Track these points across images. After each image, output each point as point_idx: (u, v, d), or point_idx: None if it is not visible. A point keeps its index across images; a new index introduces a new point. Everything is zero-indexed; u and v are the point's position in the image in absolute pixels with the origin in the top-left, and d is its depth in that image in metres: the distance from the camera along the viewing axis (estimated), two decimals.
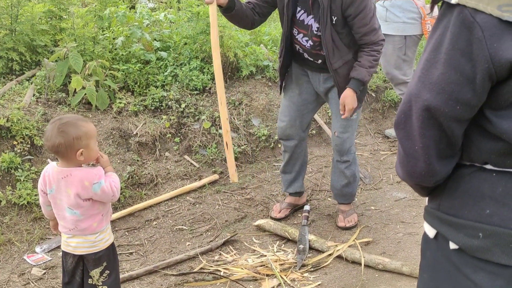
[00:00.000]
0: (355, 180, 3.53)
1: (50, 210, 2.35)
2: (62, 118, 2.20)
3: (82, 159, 2.18)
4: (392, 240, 3.41)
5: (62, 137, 2.13)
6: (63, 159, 2.21)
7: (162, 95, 4.45)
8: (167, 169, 4.11)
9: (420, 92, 1.16)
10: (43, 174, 2.28)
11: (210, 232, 3.54)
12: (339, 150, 3.41)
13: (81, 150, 2.16)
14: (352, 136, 3.39)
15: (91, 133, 2.21)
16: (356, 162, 3.51)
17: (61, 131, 2.14)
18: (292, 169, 3.64)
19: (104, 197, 2.24)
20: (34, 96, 4.20)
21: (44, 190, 2.28)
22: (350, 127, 3.34)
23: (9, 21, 4.49)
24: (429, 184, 1.26)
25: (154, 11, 5.61)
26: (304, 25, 3.13)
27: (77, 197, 2.19)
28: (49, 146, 2.19)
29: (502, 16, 1.06)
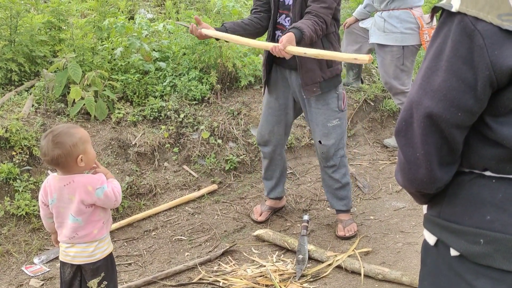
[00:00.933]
0: (347, 183, 3.52)
1: (51, 223, 2.34)
2: (54, 130, 2.22)
3: (83, 165, 2.20)
4: (392, 250, 3.40)
5: (59, 148, 2.15)
6: (64, 169, 2.22)
7: (161, 105, 4.45)
8: (166, 179, 4.10)
9: (422, 100, 1.17)
10: (43, 186, 2.28)
11: (209, 243, 3.53)
12: (325, 158, 3.43)
13: (81, 156, 2.18)
14: (338, 142, 3.38)
15: (85, 138, 2.24)
16: (344, 165, 3.49)
17: (56, 142, 2.15)
18: (273, 175, 3.69)
19: (107, 202, 2.26)
20: (33, 107, 4.20)
21: (45, 202, 2.28)
22: (333, 133, 3.34)
23: (9, 32, 4.50)
24: (430, 191, 1.27)
25: (153, 22, 5.63)
26: (286, 6, 3.22)
27: (81, 203, 2.20)
28: (48, 160, 2.19)
29: (502, 25, 1.08)
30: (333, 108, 3.30)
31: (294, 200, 4.05)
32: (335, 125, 3.33)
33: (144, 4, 6.99)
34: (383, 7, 4.49)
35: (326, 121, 3.31)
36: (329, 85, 3.27)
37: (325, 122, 3.31)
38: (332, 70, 3.25)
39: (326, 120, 3.31)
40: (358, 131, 5.13)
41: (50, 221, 2.35)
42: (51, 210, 2.28)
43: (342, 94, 3.33)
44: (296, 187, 4.23)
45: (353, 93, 5.30)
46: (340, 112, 3.33)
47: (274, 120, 3.49)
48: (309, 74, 3.19)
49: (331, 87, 3.28)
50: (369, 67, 5.87)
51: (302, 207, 3.96)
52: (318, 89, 3.23)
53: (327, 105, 3.30)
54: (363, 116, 5.23)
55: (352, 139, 5.03)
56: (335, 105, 3.30)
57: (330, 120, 3.31)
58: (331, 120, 3.31)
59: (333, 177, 3.48)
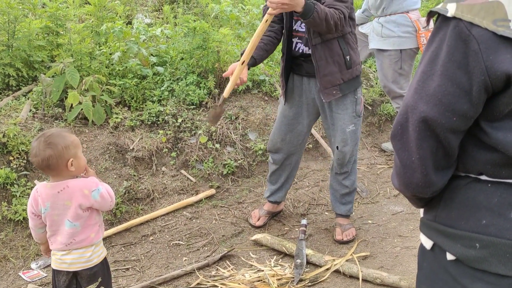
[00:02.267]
0: (355, 190, 3.56)
1: (42, 233, 2.31)
2: (46, 132, 2.20)
3: (73, 169, 2.17)
4: (390, 254, 3.40)
5: (51, 149, 2.13)
6: (54, 172, 2.19)
7: (158, 110, 4.46)
8: (163, 184, 4.09)
9: (417, 104, 1.17)
10: (33, 196, 2.23)
11: (207, 247, 3.53)
12: (341, 164, 3.42)
13: (71, 159, 2.16)
14: (353, 148, 3.38)
15: (77, 142, 2.22)
16: (355, 172, 3.51)
17: (48, 143, 2.13)
18: (278, 180, 3.68)
19: (103, 204, 2.25)
20: (31, 112, 4.20)
21: (36, 212, 2.24)
22: (349, 139, 3.33)
23: (6, 37, 4.50)
24: (425, 195, 1.27)
25: (151, 27, 5.64)
26: None
27: (78, 207, 2.19)
28: (38, 162, 2.15)
29: (497, 30, 1.08)
30: (350, 113, 3.27)
31: (292, 204, 4.04)
32: (352, 130, 3.31)
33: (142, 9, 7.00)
34: (379, 13, 4.52)
35: (345, 126, 3.29)
36: (349, 87, 3.23)
37: (344, 128, 3.29)
38: (352, 72, 3.21)
39: (345, 126, 3.29)
40: None
41: (41, 231, 2.31)
42: (44, 219, 2.24)
43: (360, 99, 3.30)
44: (294, 192, 4.23)
45: None
46: (357, 117, 3.31)
47: (286, 128, 3.47)
48: (327, 78, 3.16)
49: (351, 89, 3.24)
50: (366, 72, 5.88)
51: (300, 212, 3.96)
52: (338, 92, 3.19)
53: (346, 109, 3.27)
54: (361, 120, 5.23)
55: None
56: (353, 110, 3.27)
57: (348, 126, 3.29)
58: (348, 125, 3.29)
59: (343, 183, 3.49)
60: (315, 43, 3.12)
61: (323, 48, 3.12)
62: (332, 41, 3.12)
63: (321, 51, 3.12)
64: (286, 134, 3.48)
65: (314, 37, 3.10)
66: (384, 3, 4.45)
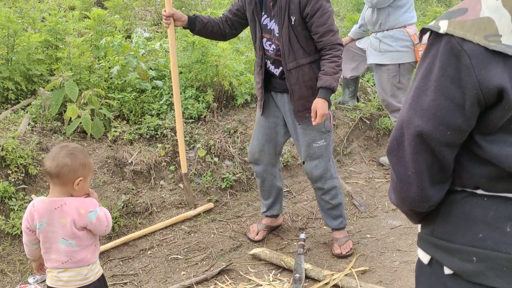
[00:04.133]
0: (339, 203, 3.52)
1: (36, 249, 2.28)
2: (71, 144, 2.24)
3: (77, 188, 2.17)
4: (389, 268, 3.39)
5: (71, 159, 2.14)
6: (59, 184, 2.17)
7: (157, 123, 4.46)
8: (162, 198, 4.09)
9: (412, 119, 1.20)
10: (29, 211, 2.21)
11: (205, 261, 3.51)
12: (310, 178, 3.45)
13: (80, 178, 2.16)
14: (322, 164, 3.36)
15: (91, 167, 2.25)
16: (334, 186, 3.46)
17: (71, 153, 2.15)
18: (269, 195, 3.69)
19: (98, 226, 2.23)
20: (29, 125, 4.20)
21: (31, 227, 2.22)
22: (317, 154, 3.33)
23: (6, 51, 4.52)
24: (422, 209, 1.28)
25: (150, 41, 5.66)
26: (268, 29, 3.22)
27: (73, 225, 2.17)
28: (51, 166, 2.13)
29: (488, 45, 1.11)
30: (319, 128, 3.28)
31: (291, 218, 4.04)
32: (321, 145, 3.32)
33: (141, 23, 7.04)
34: (376, 28, 4.56)
35: (311, 141, 3.30)
36: None
37: (311, 143, 3.31)
38: None
39: (312, 141, 3.30)
40: (354, 149, 5.14)
41: (34, 247, 2.28)
42: (38, 235, 2.22)
43: (329, 115, 3.29)
44: (292, 206, 4.22)
45: (349, 112, 5.33)
46: (326, 132, 3.32)
47: (264, 138, 3.49)
48: (301, 101, 3.21)
49: None
50: (364, 86, 5.91)
51: (298, 226, 3.95)
52: (310, 114, 3.22)
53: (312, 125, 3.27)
54: (359, 134, 5.25)
55: (348, 157, 5.04)
56: (322, 126, 3.28)
57: (315, 141, 3.30)
58: (316, 140, 3.30)
59: (323, 198, 3.50)
60: (290, 68, 3.18)
61: (297, 73, 3.18)
62: (306, 66, 3.18)
63: (295, 76, 3.19)
64: (264, 144, 3.51)
65: (288, 61, 3.17)
66: (380, 19, 4.49)
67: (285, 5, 3.06)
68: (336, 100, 5.45)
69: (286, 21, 3.08)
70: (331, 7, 3.09)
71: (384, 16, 4.47)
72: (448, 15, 1.18)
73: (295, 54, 3.14)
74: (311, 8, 3.01)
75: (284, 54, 3.15)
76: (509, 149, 1.15)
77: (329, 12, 3.05)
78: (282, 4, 3.06)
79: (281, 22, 3.10)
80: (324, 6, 3.03)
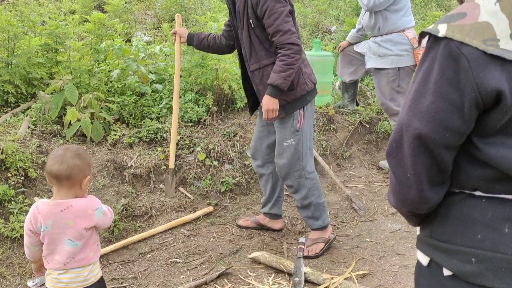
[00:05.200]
0: (309, 204, 3.50)
1: (37, 251, 2.27)
2: (71, 147, 2.27)
3: (83, 188, 2.20)
4: (388, 272, 3.39)
5: (79, 160, 2.16)
6: (67, 186, 2.17)
7: (157, 127, 4.47)
8: (161, 201, 4.09)
9: (411, 121, 1.21)
10: (32, 213, 2.20)
11: (204, 265, 3.51)
12: (280, 176, 3.53)
13: (88, 177, 2.21)
14: (291, 162, 3.40)
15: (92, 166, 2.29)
16: (304, 186, 3.46)
17: (78, 154, 2.18)
18: (266, 190, 3.80)
19: (105, 221, 2.26)
20: (29, 128, 4.20)
21: (34, 230, 2.20)
22: (285, 153, 3.39)
23: (6, 54, 4.53)
24: (421, 211, 1.29)
25: (150, 44, 5.68)
26: None
27: (81, 226, 2.18)
28: (62, 169, 2.13)
29: (487, 49, 1.13)
30: (287, 127, 3.35)
31: (290, 222, 4.04)
32: (290, 145, 3.37)
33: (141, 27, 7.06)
34: (375, 33, 4.57)
35: (282, 140, 3.39)
36: (294, 107, 3.31)
37: (281, 141, 3.39)
38: (296, 93, 3.28)
39: (282, 139, 3.39)
40: (354, 153, 5.14)
41: (36, 249, 2.27)
42: (42, 237, 2.21)
43: (298, 114, 3.33)
44: (292, 209, 4.22)
45: (348, 115, 5.33)
46: (295, 132, 3.36)
47: (257, 135, 3.66)
48: (261, 83, 3.31)
49: (296, 108, 3.32)
50: (364, 90, 5.92)
51: (298, 229, 3.95)
52: (282, 113, 3.28)
53: (284, 124, 3.36)
54: (358, 138, 5.25)
55: (347, 161, 5.05)
56: (290, 125, 3.34)
57: (285, 140, 3.37)
58: (286, 139, 3.37)
59: (294, 197, 3.58)
60: (253, 69, 3.29)
61: (260, 73, 3.28)
62: (270, 66, 3.23)
63: (258, 76, 3.29)
64: (256, 141, 3.67)
65: (251, 63, 3.28)
66: (378, 23, 4.51)
67: (243, 10, 3.18)
68: (335, 104, 5.46)
69: (246, 25, 3.20)
70: (282, 7, 3.10)
71: (381, 20, 4.48)
72: (447, 19, 1.20)
73: (257, 56, 3.24)
74: (259, 10, 3.11)
75: (246, 56, 3.28)
76: (507, 151, 1.16)
77: (277, 12, 3.08)
78: (240, 10, 3.19)
79: (241, 26, 3.23)
80: (271, 7, 3.07)
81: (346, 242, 3.78)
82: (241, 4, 3.18)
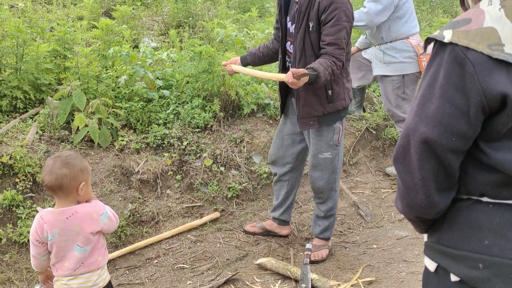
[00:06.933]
0: (331, 216, 3.58)
1: (45, 261, 2.28)
2: (63, 153, 2.21)
3: (81, 194, 2.18)
4: (395, 279, 3.38)
5: (67, 168, 2.12)
6: (63, 194, 2.18)
7: (164, 132, 4.48)
8: (168, 207, 4.10)
9: (418, 126, 1.22)
10: (37, 223, 2.19)
11: (211, 271, 3.51)
12: (312, 188, 3.52)
13: (83, 183, 2.17)
14: (325, 176, 3.39)
15: (89, 170, 2.25)
16: (332, 200, 3.52)
17: (66, 162, 2.14)
18: (278, 195, 3.77)
19: (111, 226, 2.27)
20: (37, 134, 4.22)
21: (41, 240, 2.20)
22: (321, 165, 3.36)
23: (15, 60, 4.56)
24: (429, 216, 1.29)
25: (157, 50, 5.70)
26: (290, 33, 3.26)
27: (89, 232, 2.19)
28: (51, 180, 2.12)
29: (492, 54, 1.14)
30: (326, 141, 3.30)
31: (297, 228, 4.04)
32: (326, 157, 3.33)
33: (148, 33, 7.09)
34: (380, 41, 4.60)
35: (318, 152, 3.33)
36: (329, 120, 3.25)
37: (317, 153, 3.33)
38: (334, 105, 3.23)
39: (318, 152, 3.33)
40: (360, 160, 5.14)
41: (44, 259, 2.27)
42: (50, 246, 2.21)
43: (338, 128, 3.30)
44: (298, 215, 4.22)
45: (355, 122, 5.33)
46: (334, 146, 3.33)
47: (278, 143, 3.59)
48: (306, 108, 3.21)
49: (330, 122, 3.26)
50: (370, 96, 5.91)
51: (304, 236, 3.95)
52: (316, 123, 3.23)
53: (321, 136, 3.30)
54: (365, 145, 5.25)
55: (354, 167, 5.04)
56: (330, 138, 3.30)
57: (322, 152, 3.32)
58: (323, 152, 3.32)
59: (319, 207, 3.57)
60: None
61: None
62: None
63: None
64: (279, 148, 3.59)
65: (298, 66, 3.14)
66: (382, 33, 4.54)
67: (305, 10, 3.06)
68: None
69: (304, 25, 3.08)
70: (347, 22, 3.02)
71: (385, 29, 4.51)
72: (452, 25, 1.21)
73: (307, 59, 3.11)
74: (326, 16, 2.99)
75: (295, 57, 3.15)
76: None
77: (341, 25, 3.00)
78: (302, 9, 3.07)
79: (298, 26, 3.11)
80: (339, 18, 2.98)
81: (353, 249, 3.77)
82: (305, 3, 3.06)
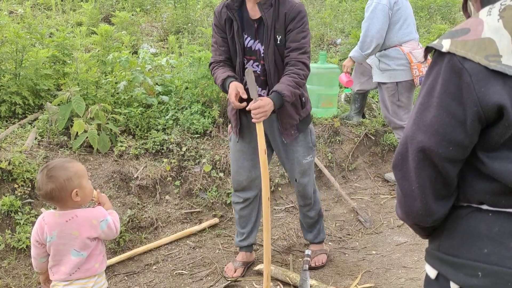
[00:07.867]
0: (319, 218, 3.59)
1: (44, 262, 2.29)
2: (49, 164, 2.20)
3: (78, 199, 2.18)
4: (394, 285, 3.38)
5: (53, 182, 2.13)
6: (59, 203, 2.20)
7: (163, 138, 4.48)
8: (167, 213, 4.09)
9: (415, 134, 1.23)
10: (38, 224, 2.22)
11: (210, 277, 3.51)
12: (303, 195, 3.45)
13: (75, 190, 2.16)
14: (311, 179, 3.42)
15: (81, 172, 2.21)
16: (317, 201, 3.54)
17: (50, 176, 2.14)
18: (248, 222, 3.53)
19: (109, 234, 2.26)
20: (36, 139, 4.22)
21: (41, 241, 2.22)
22: (308, 170, 3.36)
23: (14, 66, 4.57)
24: (426, 224, 1.31)
25: (156, 56, 5.71)
26: (252, 51, 3.11)
27: (86, 237, 2.19)
28: (42, 195, 2.17)
29: (489, 65, 1.15)
30: (305, 145, 3.30)
31: (296, 234, 4.03)
32: (309, 161, 3.34)
33: (148, 39, 7.10)
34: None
35: (301, 158, 3.30)
36: (304, 124, 3.26)
37: (301, 159, 3.30)
38: (306, 110, 3.25)
39: (302, 157, 3.30)
40: (359, 165, 5.14)
41: (43, 260, 2.29)
42: (48, 248, 2.22)
43: (312, 129, 3.34)
44: (297, 222, 4.21)
45: (354, 128, 5.34)
46: (313, 147, 3.36)
47: (250, 164, 3.34)
48: (287, 119, 3.16)
49: (305, 126, 3.27)
50: (369, 102, 5.93)
51: (303, 242, 3.94)
52: (296, 131, 3.22)
53: (302, 141, 3.27)
54: (364, 150, 5.25)
55: (353, 173, 5.04)
56: (308, 141, 3.31)
57: (305, 157, 3.31)
58: (305, 156, 3.31)
59: (308, 215, 3.54)
60: None
61: None
62: None
63: None
64: (250, 170, 3.36)
65: (274, 81, 3.06)
66: None
67: (271, 25, 2.99)
68: (342, 114, 5.48)
69: (272, 40, 3.01)
70: (308, 30, 3.06)
71: None
72: (450, 35, 1.22)
73: (279, 74, 3.06)
74: (294, 24, 2.98)
75: (270, 74, 3.07)
76: (511, 166, 1.17)
77: (306, 32, 3.02)
78: (268, 24, 2.98)
79: (266, 42, 3.02)
80: (304, 25, 3.01)
81: (352, 255, 3.77)
82: (269, 18, 2.99)
